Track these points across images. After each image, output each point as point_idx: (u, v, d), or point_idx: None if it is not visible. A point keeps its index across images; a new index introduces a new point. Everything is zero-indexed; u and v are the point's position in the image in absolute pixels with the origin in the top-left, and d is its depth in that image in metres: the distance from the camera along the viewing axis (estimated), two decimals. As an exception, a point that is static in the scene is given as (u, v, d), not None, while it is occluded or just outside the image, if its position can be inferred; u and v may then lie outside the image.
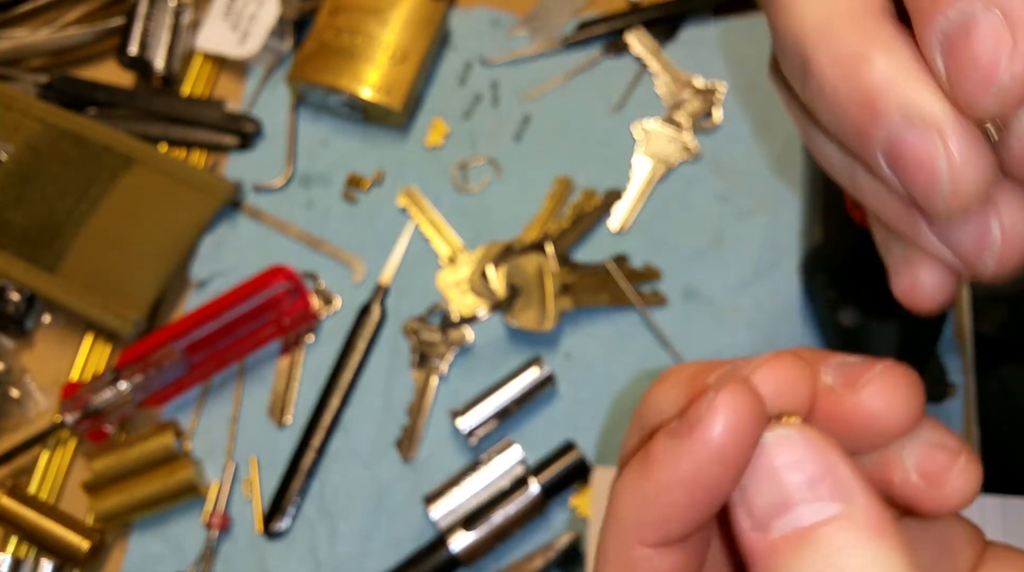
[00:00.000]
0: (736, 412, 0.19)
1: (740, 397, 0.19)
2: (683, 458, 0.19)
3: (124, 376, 0.56)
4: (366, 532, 0.56)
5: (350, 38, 0.65)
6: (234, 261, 0.63)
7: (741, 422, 0.19)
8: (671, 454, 0.20)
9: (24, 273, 0.60)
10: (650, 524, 0.20)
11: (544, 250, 0.60)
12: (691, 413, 0.20)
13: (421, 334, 0.60)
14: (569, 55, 0.68)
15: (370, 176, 0.65)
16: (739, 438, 0.19)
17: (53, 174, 0.62)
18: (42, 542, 0.55)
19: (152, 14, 0.67)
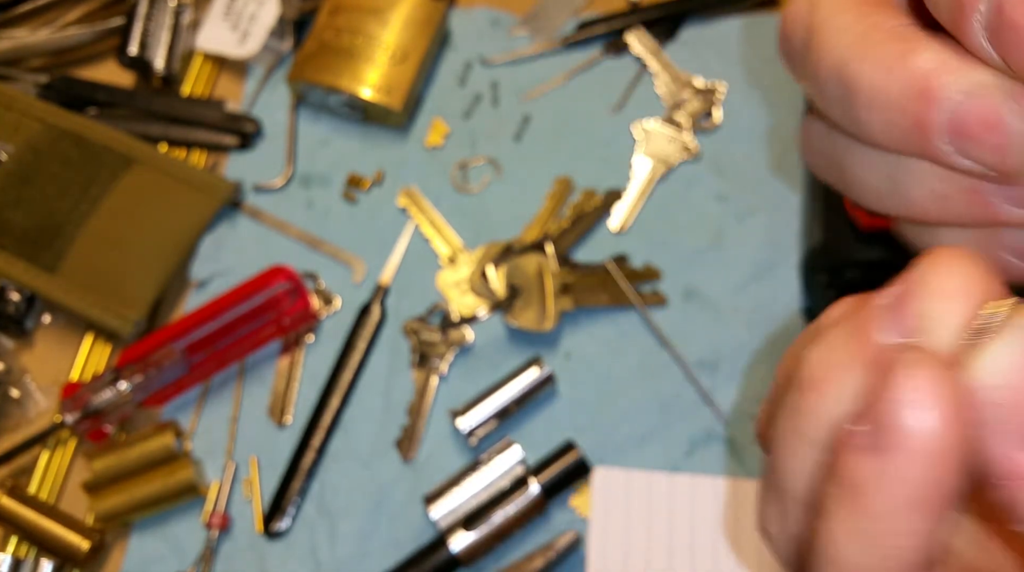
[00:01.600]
0: (940, 404, 0.16)
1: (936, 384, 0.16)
2: (895, 478, 0.16)
3: (124, 376, 0.56)
4: (366, 532, 0.56)
5: (350, 38, 0.65)
6: (234, 261, 0.63)
7: (949, 412, 0.16)
8: (878, 477, 0.16)
9: (24, 273, 0.60)
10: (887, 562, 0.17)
11: (544, 250, 0.61)
12: (883, 415, 0.16)
13: (421, 334, 0.60)
14: (569, 55, 0.68)
15: (370, 176, 0.65)
16: (953, 429, 0.16)
17: (53, 174, 0.62)
18: (42, 542, 0.55)
19: (152, 14, 0.67)
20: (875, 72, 0.21)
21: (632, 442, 0.57)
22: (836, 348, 0.19)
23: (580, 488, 0.56)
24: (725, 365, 0.58)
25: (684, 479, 0.54)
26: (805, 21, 0.24)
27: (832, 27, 0.23)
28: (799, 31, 0.24)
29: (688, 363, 0.58)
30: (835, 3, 0.24)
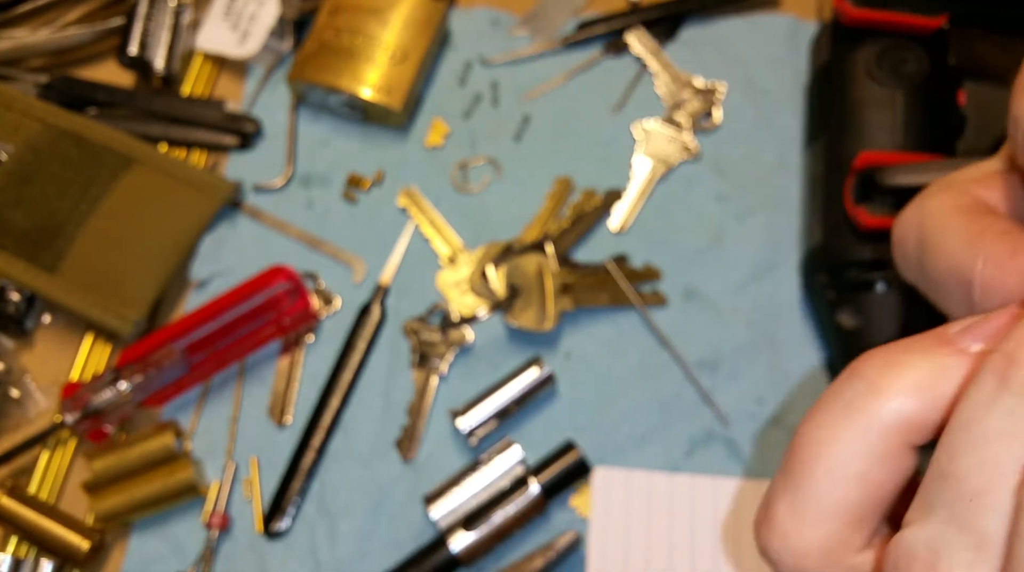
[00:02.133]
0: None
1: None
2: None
3: (124, 376, 0.56)
4: (366, 532, 0.56)
5: (350, 38, 0.65)
6: (234, 261, 0.63)
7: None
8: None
9: (24, 273, 0.60)
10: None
11: (544, 250, 0.61)
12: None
13: (421, 334, 0.60)
14: (569, 55, 0.68)
15: (370, 176, 0.65)
16: None
17: (53, 174, 0.62)
18: (42, 542, 0.55)
19: (152, 14, 0.67)
20: (988, 268, 0.23)
21: (632, 442, 0.57)
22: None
23: (580, 488, 0.56)
24: (725, 365, 0.58)
25: (684, 479, 0.54)
26: (918, 228, 0.26)
27: (947, 231, 0.25)
28: (912, 236, 0.26)
29: (688, 363, 0.58)
30: (945, 211, 0.25)
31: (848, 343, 0.54)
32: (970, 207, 0.25)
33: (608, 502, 0.54)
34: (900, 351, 0.21)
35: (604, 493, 0.54)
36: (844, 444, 0.21)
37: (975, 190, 0.26)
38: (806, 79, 0.65)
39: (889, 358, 0.21)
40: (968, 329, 0.21)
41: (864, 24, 0.58)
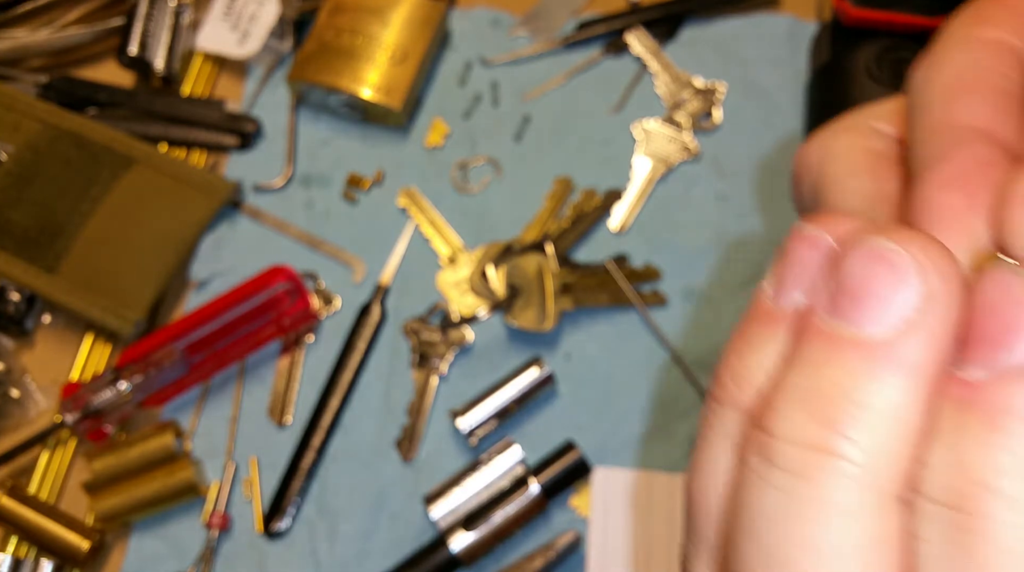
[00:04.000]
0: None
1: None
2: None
3: (124, 376, 0.56)
4: (366, 532, 0.56)
5: (350, 38, 0.65)
6: (234, 261, 0.63)
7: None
8: None
9: (24, 273, 0.60)
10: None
11: (544, 250, 0.61)
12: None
13: (421, 334, 0.60)
14: (569, 55, 0.68)
15: (370, 176, 0.65)
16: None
17: (53, 174, 0.62)
18: (42, 542, 0.55)
19: (152, 14, 0.67)
20: None
21: (632, 442, 0.57)
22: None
23: (580, 488, 0.56)
24: (725, 365, 0.58)
25: (684, 479, 0.54)
26: (817, 168, 0.23)
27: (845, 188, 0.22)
28: (810, 176, 0.24)
29: (688, 363, 0.58)
30: (848, 158, 0.23)
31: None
32: (874, 157, 0.22)
33: (608, 502, 0.54)
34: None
35: (604, 493, 0.54)
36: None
37: (882, 127, 0.23)
38: (806, 79, 0.65)
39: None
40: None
41: (864, 24, 0.58)
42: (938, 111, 0.19)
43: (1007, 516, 0.14)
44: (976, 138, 0.18)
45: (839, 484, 0.15)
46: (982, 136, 0.18)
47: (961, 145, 0.18)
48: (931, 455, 0.16)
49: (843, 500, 0.15)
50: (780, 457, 0.16)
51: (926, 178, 0.18)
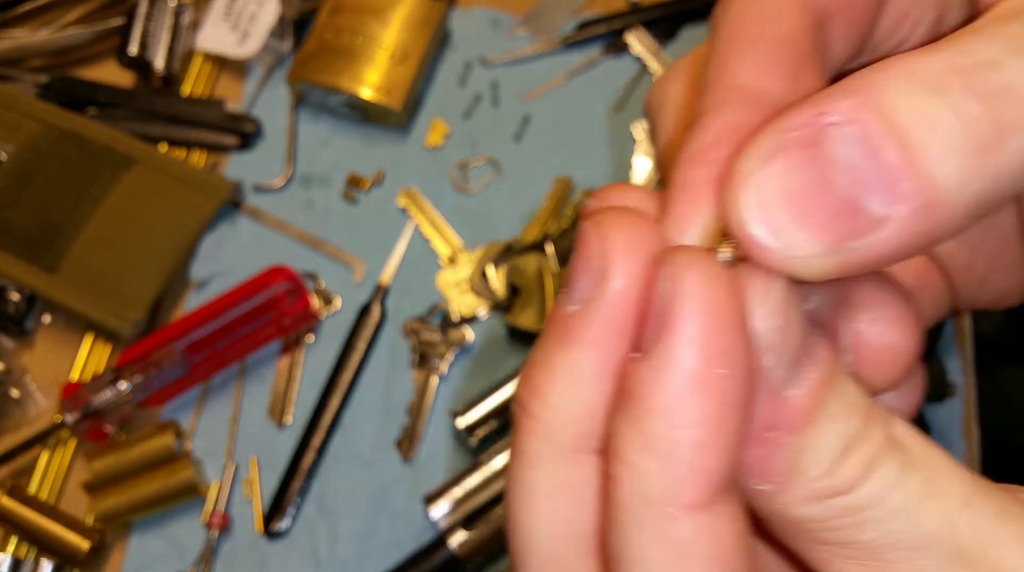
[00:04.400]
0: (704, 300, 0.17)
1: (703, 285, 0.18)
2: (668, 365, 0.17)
3: (124, 376, 0.56)
4: (366, 532, 0.56)
5: (350, 38, 0.65)
6: (234, 261, 0.63)
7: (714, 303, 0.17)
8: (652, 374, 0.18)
9: (24, 273, 0.60)
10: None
11: (544, 250, 0.60)
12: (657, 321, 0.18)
13: (421, 334, 0.60)
14: (569, 55, 0.68)
15: (370, 176, 0.65)
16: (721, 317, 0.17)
17: (53, 174, 0.62)
18: (42, 542, 0.55)
19: (152, 14, 0.67)
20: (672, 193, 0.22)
21: (632, 442, 0.57)
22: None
23: (580, 488, 0.56)
24: (725, 365, 0.58)
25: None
26: (653, 110, 0.25)
27: (661, 130, 0.25)
28: (649, 115, 0.26)
29: (688, 363, 0.58)
30: (670, 102, 0.25)
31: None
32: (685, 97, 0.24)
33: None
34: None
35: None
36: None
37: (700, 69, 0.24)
38: (806, 79, 0.65)
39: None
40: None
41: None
42: (713, 63, 0.21)
43: (622, 472, 0.17)
44: (735, 100, 0.20)
45: (528, 437, 0.19)
46: (742, 97, 0.20)
47: (719, 109, 0.20)
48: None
49: (531, 450, 0.19)
50: (516, 414, 0.20)
51: (689, 137, 0.20)
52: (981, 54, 0.17)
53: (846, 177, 0.17)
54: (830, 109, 0.17)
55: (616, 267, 0.18)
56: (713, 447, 0.17)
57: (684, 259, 0.18)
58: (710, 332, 0.17)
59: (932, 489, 0.18)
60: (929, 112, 0.17)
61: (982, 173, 0.17)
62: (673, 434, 0.17)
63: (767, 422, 0.18)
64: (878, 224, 0.17)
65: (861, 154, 0.17)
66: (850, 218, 0.17)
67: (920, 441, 0.19)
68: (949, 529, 0.18)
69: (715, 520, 0.17)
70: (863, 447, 0.18)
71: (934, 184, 0.17)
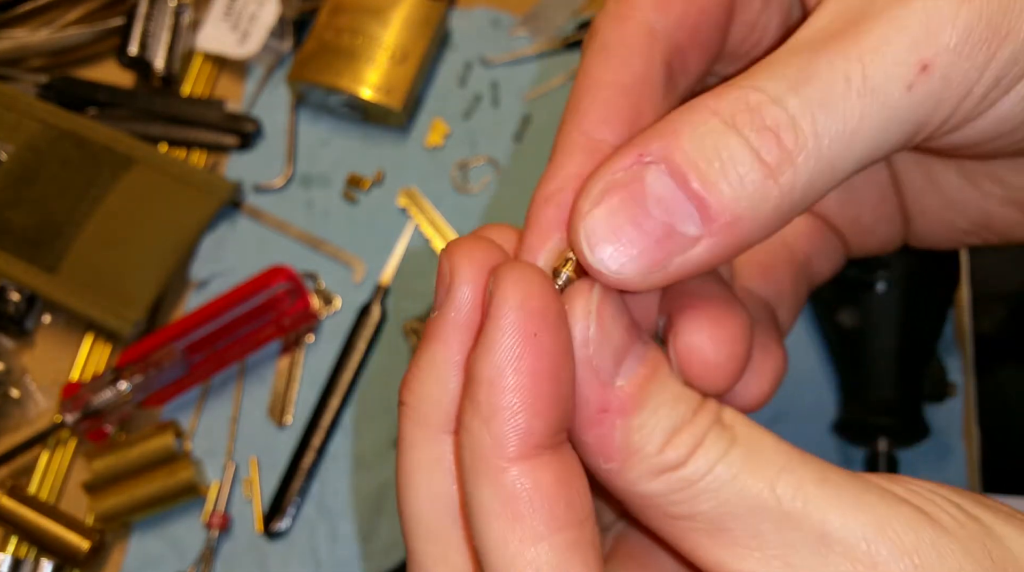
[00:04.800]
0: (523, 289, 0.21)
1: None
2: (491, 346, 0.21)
3: (124, 376, 0.56)
4: (366, 532, 0.56)
5: (350, 38, 0.65)
6: (234, 261, 0.63)
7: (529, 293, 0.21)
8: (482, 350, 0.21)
9: (24, 273, 0.60)
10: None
11: (544, 250, 0.60)
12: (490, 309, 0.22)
13: (421, 334, 0.60)
14: (569, 55, 0.68)
15: (370, 176, 0.65)
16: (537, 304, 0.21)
17: (53, 174, 0.62)
18: (42, 542, 0.55)
19: (152, 14, 0.67)
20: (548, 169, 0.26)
21: (632, 442, 0.57)
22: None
23: (580, 488, 0.56)
24: (725, 365, 0.58)
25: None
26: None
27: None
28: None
29: (688, 363, 0.58)
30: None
31: (848, 342, 0.54)
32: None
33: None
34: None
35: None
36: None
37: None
38: (806, 79, 0.65)
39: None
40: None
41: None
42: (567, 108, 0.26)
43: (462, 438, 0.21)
44: (578, 149, 0.24)
45: (404, 423, 0.23)
46: (584, 145, 0.24)
47: (565, 157, 0.24)
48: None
49: (407, 434, 0.23)
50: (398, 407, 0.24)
51: (541, 182, 0.24)
52: (769, 91, 0.21)
53: (661, 207, 0.21)
54: (646, 151, 0.21)
55: (457, 278, 0.22)
56: (527, 410, 0.21)
57: (506, 267, 0.22)
58: (521, 319, 0.21)
59: (753, 460, 0.21)
60: (725, 146, 0.21)
61: (771, 194, 0.21)
62: (493, 400, 0.21)
63: (599, 405, 0.22)
64: (693, 243, 0.21)
65: (671, 187, 0.21)
66: (668, 240, 0.21)
67: (746, 423, 0.22)
68: (772, 493, 0.21)
69: (536, 470, 0.21)
70: (690, 429, 0.22)
71: (733, 207, 0.21)
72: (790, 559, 0.21)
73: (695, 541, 0.22)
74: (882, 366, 0.53)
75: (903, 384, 0.53)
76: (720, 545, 0.21)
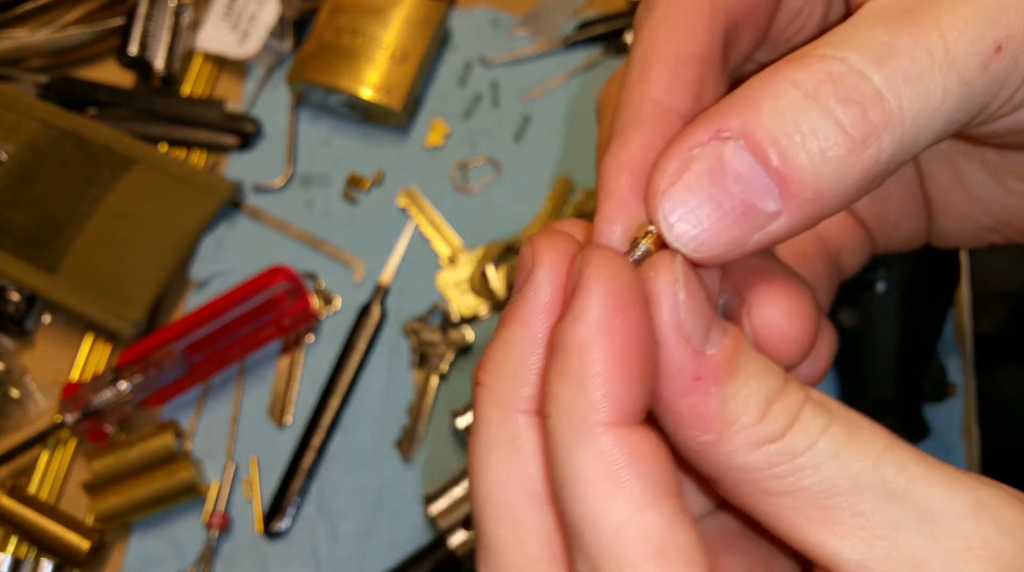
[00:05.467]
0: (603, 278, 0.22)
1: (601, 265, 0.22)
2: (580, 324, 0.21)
3: (124, 376, 0.56)
4: (366, 532, 0.56)
5: (350, 38, 0.65)
6: (234, 261, 0.63)
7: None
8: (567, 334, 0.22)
9: (24, 273, 0.60)
10: None
11: (544, 250, 0.60)
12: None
13: (421, 334, 0.60)
14: (569, 55, 0.68)
15: (370, 176, 0.65)
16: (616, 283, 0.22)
17: (53, 174, 0.62)
18: (42, 542, 0.55)
19: (152, 14, 0.67)
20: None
21: (632, 442, 0.57)
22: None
23: (580, 488, 0.56)
24: (725, 365, 0.58)
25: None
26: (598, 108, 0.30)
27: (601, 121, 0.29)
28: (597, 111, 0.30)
29: (688, 363, 0.58)
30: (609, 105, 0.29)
31: (848, 342, 0.54)
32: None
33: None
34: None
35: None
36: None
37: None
38: (806, 79, 0.65)
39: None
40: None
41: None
42: (630, 77, 0.25)
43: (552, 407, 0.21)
44: (649, 117, 0.24)
45: (480, 403, 0.23)
46: (655, 113, 0.24)
47: (636, 124, 0.24)
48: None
49: (483, 414, 0.23)
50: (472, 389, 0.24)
51: (610, 150, 0.24)
52: (852, 62, 0.21)
53: (740, 184, 0.21)
54: (724, 126, 0.21)
55: (539, 263, 0.23)
56: (619, 376, 0.21)
57: (591, 248, 0.22)
58: (613, 290, 0.21)
59: (855, 436, 0.21)
60: (806, 119, 0.21)
61: (854, 168, 0.21)
62: (586, 367, 0.21)
63: (693, 373, 0.22)
64: (772, 219, 0.21)
65: (751, 163, 0.21)
66: (747, 217, 0.21)
67: (836, 402, 0.22)
68: (876, 471, 0.21)
69: (632, 436, 0.21)
70: (785, 401, 0.22)
71: (814, 182, 0.21)
72: (896, 538, 0.20)
73: (794, 521, 0.21)
74: (882, 366, 0.53)
75: (903, 384, 0.53)
76: (821, 524, 0.21)
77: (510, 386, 0.23)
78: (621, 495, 0.20)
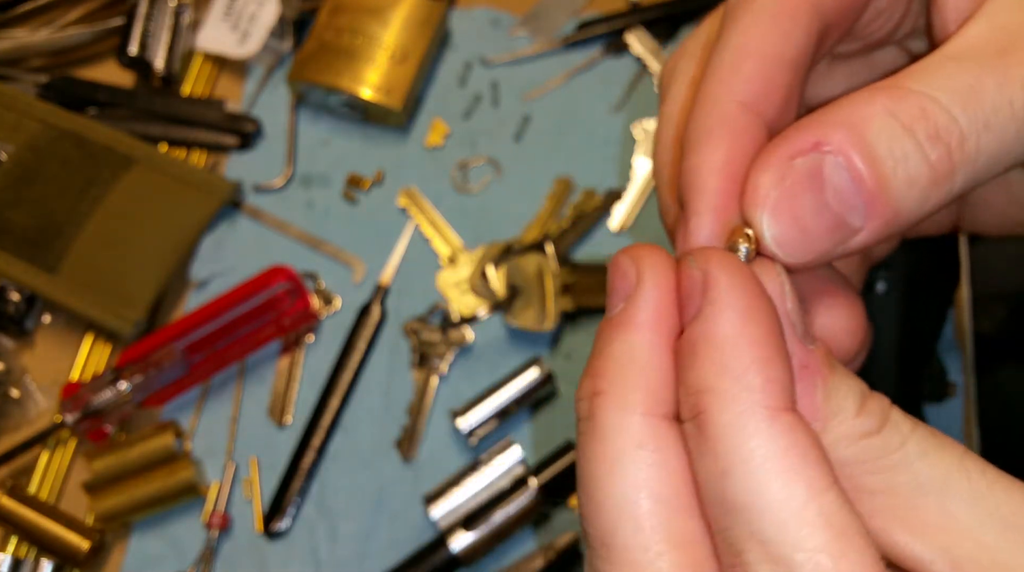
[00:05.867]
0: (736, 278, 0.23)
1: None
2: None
3: (124, 376, 0.56)
4: (366, 532, 0.56)
5: (350, 38, 0.65)
6: (234, 261, 0.63)
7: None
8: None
9: (24, 273, 0.60)
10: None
11: (544, 250, 0.60)
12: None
13: (421, 334, 0.60)
14: (569, 55, 0.68)
15: (370, 176, 0.65)
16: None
17: (53, 174, 0.62)
18: (42, 542, 0.55)
19: (152, 14, 0.67)
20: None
21: (632, 442, 0.57)
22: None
23: (580, 488, 0.56)
24: (725, 365, 0.58)
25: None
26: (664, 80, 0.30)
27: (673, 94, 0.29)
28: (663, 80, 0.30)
29: (688, 363, 0.58)
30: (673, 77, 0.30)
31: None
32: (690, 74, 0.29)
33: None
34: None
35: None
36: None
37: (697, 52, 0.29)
38: (806, 79, 0.65)
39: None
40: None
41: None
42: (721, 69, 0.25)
43: (711, 402, 0.21)
44: (739, 118, 0.25)
45: (600, 412, 0.23)
46: (745, 114, 0.25)
47: (726, 127, 0.25)
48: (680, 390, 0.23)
49: (604, 423, 0.23)
50: (578, 413, 0.24)
51: (699, 150, 0.25)
52: (942, 102, 0.23)
53: (837, 198, 0.22)
54: (826, 140, 0.22)
55: (644, 270, 0.23)
56: (773, 360, 0.21)
57: (706, 249, 0.23)
58: (743, 282, 0.22)
59: (939, 439, 0.22)
60: (900, 147, 0.22)
61: (931, 197, 0.23)
62: (743, 356, 0.21)
63: (801, 362, 0.22)
64: (855, 233, 0.23)
65: (848, 179, 0.22)
66: (837, 230, 0.23)
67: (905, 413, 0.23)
68: (962, 473, 0.22)
69: (800, 421, 0.21)
70: (875, 400, 0.23)
71: (899, 205, 0.23)
72: (982, 538, 0.21)
73: (884, 520, 0.22)
74: (882, 366, 0.53)
75: (903, 384, 0.53)
76: (911, 523, 0.22)
77: (636, 391, 0.23)
78: (801, 479, 0.20)
